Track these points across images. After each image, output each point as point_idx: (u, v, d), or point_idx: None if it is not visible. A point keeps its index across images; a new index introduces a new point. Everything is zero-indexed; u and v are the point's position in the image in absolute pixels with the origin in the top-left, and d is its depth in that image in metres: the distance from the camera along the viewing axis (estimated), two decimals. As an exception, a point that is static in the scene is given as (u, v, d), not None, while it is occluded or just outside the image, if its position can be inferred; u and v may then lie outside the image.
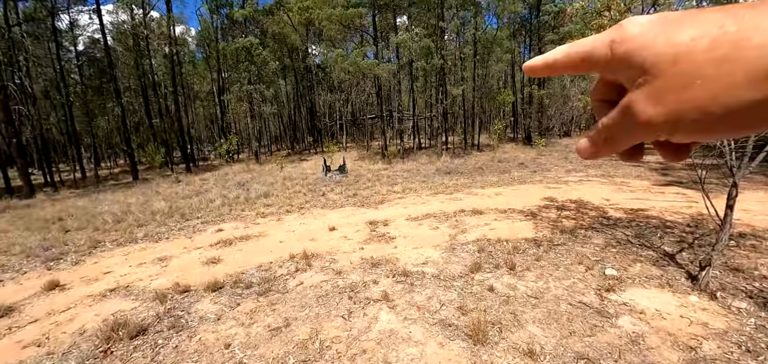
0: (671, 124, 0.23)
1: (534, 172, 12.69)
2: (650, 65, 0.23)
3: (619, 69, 0.26)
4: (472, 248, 5.16)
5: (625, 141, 0.27)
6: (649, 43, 0.23)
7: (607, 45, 0.25)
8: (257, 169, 18.13)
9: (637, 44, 0.24)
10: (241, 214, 8.50)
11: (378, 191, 10.10)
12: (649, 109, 0.23)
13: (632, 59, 0.24)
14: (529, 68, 0.32)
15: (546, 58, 0.30)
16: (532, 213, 6.97)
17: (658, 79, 0.23)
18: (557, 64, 0.29)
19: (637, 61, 0.24)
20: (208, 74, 32.58)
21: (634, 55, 0.24)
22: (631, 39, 0.24)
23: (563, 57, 0.29)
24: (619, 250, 4.87)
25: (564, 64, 0.29)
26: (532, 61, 0.31)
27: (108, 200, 12.19)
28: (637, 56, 0.24)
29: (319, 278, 4.41)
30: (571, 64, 0.28)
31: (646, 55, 0.23)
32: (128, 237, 7.21)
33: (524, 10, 20.22)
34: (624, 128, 0.26)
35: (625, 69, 0.25)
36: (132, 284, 4.81)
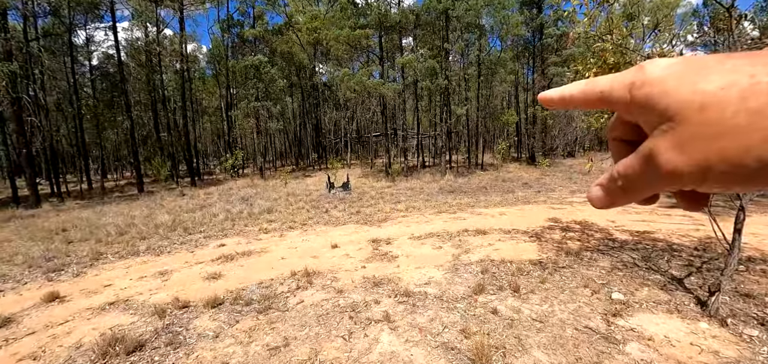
0: (699, 175, 0.22)
1: (538, 192, 12.62)
2: (674, 112, 0.22)
3: (638, 112, 0.24)
4: (475, 268, 5.08)
5: (645, 190, 0.25)
6: (672, 88, 0.22)
7: (626, 87, 0.25)
8: (261, 185, 18.22)
9: (659, 89, 0.23)
10: (244, 229, 8.50)
11: (381, 209, 10.07)
12: (675, 158, 0.22)
13: (654, 104, 0.23)
14: (545, 99, 0.31)
15: (562, 92, 0.30)
16: (536, 234, 6.89)
17: (684, 127, 0.21)
18: (573, 99, 0.28)
19: (659, 106, 0.23)
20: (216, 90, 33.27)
21: (656, 100, 0.23)
22: (652, 83, 0.23)
23: (579, 94, 0.28)
24: (625, 273, 4.78)
25: (580, 100, 0.28)
26: (548, 92, 0.31)
27: (112, 211, 12.26)
28: (659, 102, 0.23)
29: (320, 297, 4.36)
30: (588, 102, 0.28)
31: (670, 102, 0.22)
32: (130, 250, 7.21)
33: (527, 33, 20.61)
34: (645, 178, 0.24)
35: (646, 113, 0.24)
36: (132, 297, 4.78)
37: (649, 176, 0.24)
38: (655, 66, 0.24)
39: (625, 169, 0.25)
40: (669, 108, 0.22)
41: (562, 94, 0.29)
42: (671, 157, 0.22)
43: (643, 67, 0.24)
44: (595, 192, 0.29)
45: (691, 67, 0.22)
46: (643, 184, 0.25)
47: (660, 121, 0.23)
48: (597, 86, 0.27)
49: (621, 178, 0.26)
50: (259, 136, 23.77)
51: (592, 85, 0.27)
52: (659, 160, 0.23)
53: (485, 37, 21.35)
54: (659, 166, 0.23)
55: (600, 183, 0.28)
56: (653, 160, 0.23)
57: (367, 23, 18.80)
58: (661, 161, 0.22)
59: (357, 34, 17.90)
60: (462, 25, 18.19)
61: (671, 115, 0.22)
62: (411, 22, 19.71)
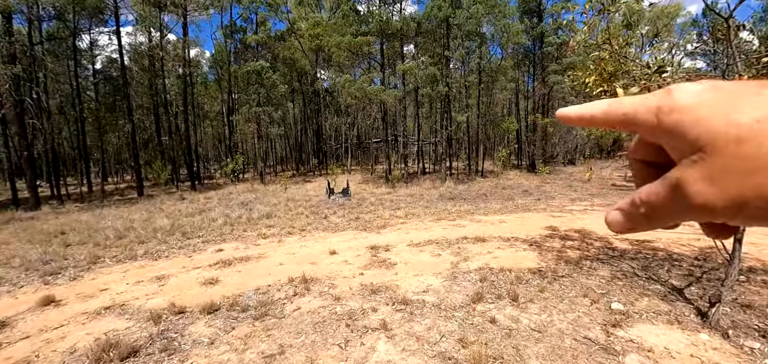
0: (733, 210, 0.21)
1: (538, 200, 12.59)
2: (707, 143, 0.21)
3: (665, 138, 0.24)
4: (474, 276, 5.05)
5: (669, 219, 0.24)
6: (704, 118, 0.21)
7: (652, 111, 0.24)
8: (261, 190, 18.22)
9: (690, 117, 0.22)
10: (243, 234, 8.47)
11: (380, 215, 10.05)
12: (707, 191, 0.21)
13: (684, 132, 0.22)
14: (563, 117, 0.30)
15: (581, 111, 0.28)
16: (535, 242, 6.86)
17: (717, 159, 0.20)
18: (594, 119, 0.27)
19: (690, 135, 0.22)
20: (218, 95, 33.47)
21: (687, 128, 0.22)
22: (681, 110, 0.22)
23: (601, 115, 0.27)
24: (625, 283, 4.74)
25: (601, 121, 0.27)
26: (566, 110, 0.30)
27: (112, 215, 12.25)
28: (690, 130, 0.22)
29: (317, 304, 4.32)
30: (609, 123, 0.27)
31: (702, 131, 0.21)
32: (128, 254, 7.18)
33: (528, 41, 20.73)
34: (672, 207, 0.23)
35: (674, 140, 0.23)
36: (128, 302, 4.75)
37: (676, 206, 0.23)
38: (685, 92, 0.23)
39: (650, 196, 0.24)
40: (700, 138, 0.21)
41: (582, 113, 0.28)
42: (702, 189, 0.21)
43: (671, 92, 0.23)
44: (614, 217, 0.27)
45: (722, 95, 0.22)
46: (669, 213, 0.24)
47: (691, 150, 0.22)
48: (621, 108, 0.26)
49: (644, 206, 0.25)
50: (260, 142, 23.83)
51: (615, 106, 0.26)
52: (689, 190, 0.22)
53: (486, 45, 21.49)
54: (688, 197, 0.22)
55: (620, 208, 0.27)
56: (682, 190, 0.22)
57: (369, 30, 18.94)
58: (691, 192, 0.22)
59: (359, 40, 18.02)
60: (463, 33, 18.32)
61: (703, 146, 0.21)
62: (412, 30, 19.86)
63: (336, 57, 22.86)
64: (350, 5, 19.92)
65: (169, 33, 26.30)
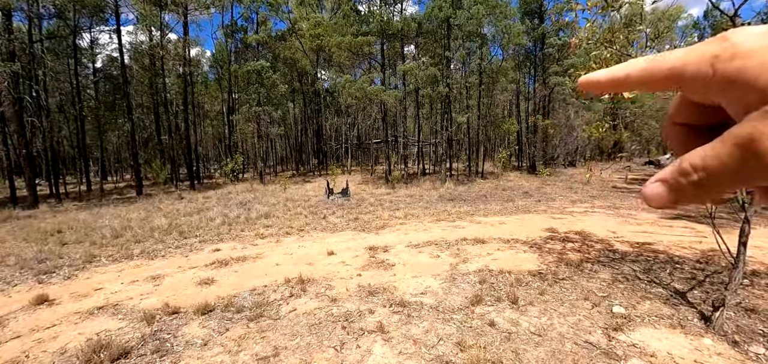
0: None
1: (538, 201, 12.52)
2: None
3: (724, 91, 0.21)
4: (473, 278, 4.98)
5: (734, 185, 0.21)
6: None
7: (707, 60, 0.21)
8: (261, 190, 18.16)
9: (756, 62, 0.19)
10: (240, 234, 8.40)
11: (380, 216, 9.98)
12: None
13: (752, 81, 0.19)
14: (588, 83, 0.26)
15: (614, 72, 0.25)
16: (536, 244, 6.78)
17: None
18: (630, 79, 0.24)
19: (759, 83, 0.19)
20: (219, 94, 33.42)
21: (755, 75, 0.19)
22: (745, 55, 0.19)
23: (639, 73, 0.23)
24: (626, 286, 4.66)
25: (638, 80, 0.24)
26: (593, 74, 0.26)
27: (109, 214, 12.19)
28: (759, 77, 0.19)
29: (313, 305, 4.25)
30: (650, 82, 0.23)
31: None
32: (124, 253, 7.11)
33: (529, 42, 20.67)
34: (740, 170, 0.20)
35: (737, 91, 0.20)
36: (121, 302, 4.68)
37: (747, 167, 0.19)
38: (747, 35, 0.20)
39: (706, 160, 0.21)
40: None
41: (614, 74, 0.25)
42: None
43: (729, 37, 0.21)
44: (654, 189, 0.23)
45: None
46: (734, 177, 0.20)
47: (762, 100, 0.19)
48: (666, 62, 0.22)
49: (699, 171, 0.21)
50: (260, 141, 23.78)
51: (659, 61, 0.23)
52: (763, 146, 0.19)
53: (487, 45, 21.44)
54: (763, 154, 0.19)
55: (662, 178, 0.23)
56: (754, 147, 0.19)
57: (370, 31, 18.89)
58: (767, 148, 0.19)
59: (359, 40, 17.97)
60: (464, 33, 18.27)
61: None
62: (413, 31, 19.81)
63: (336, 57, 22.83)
64: (351, 5, 19.89)
65: (170, 32, 26.26)
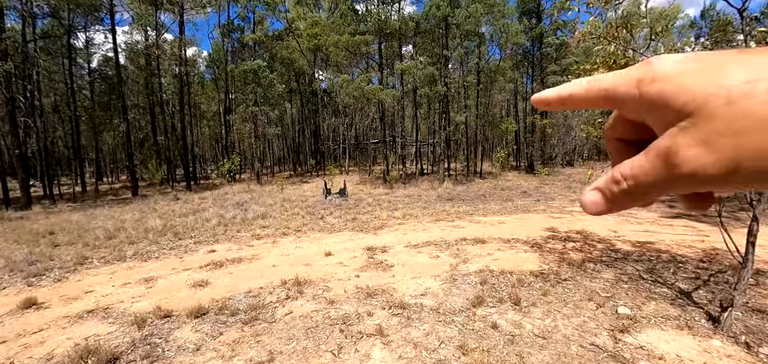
0: (728, 174, 0.20)
1: (537, 201, 12.44)
2: (696, 108, 0.20)
3: (648, 110, 0.23)
4: (474, 279, 4.87)
5: (656, 193, 0.23)
6: (689, 83, 0.21)
7: (633, 83, 0.23)
8: (257, 190, 17.99)
9: (673, 84, 0.21)
10: (236, 235, 8.26)
11: (378, 216, 9.86)
12: (702, 156, 0.20)
13: (669, 101, 0.21)
14: (540, 101, 0.28)
15: (560, 92, 0.27)
16: (536, 244, 6.69)
17: (709, 123, 0.20)
18: (574, 98, 0.26)
19: (676, 103, 0.21)
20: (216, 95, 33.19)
21: (672, 96, 0.21)
22: (664, 78, 0.22)
23: (582, 92, 0.26)
24: (630, 286, 4.57)
25: (582, 98, 0.26)
26: (543, 93, 0.28)
27: (103, 215, 12.00)
28: (675, 98, 0.21)
29: (310, 307, 4.13)
30: (590, 101, 0.26)
31: (689, 97, 0.21)
32: (117, 255, 6.95)
33: (527, 42, 20.62)
34: (660, 178, 0.22)
35: (658, 110, 0.22)
36: (112, 305, 4.54)
37: (666, 177, 0.22)
38: (665, 61, 0.22)
39: (634, 170, 0.23)
40: (688, 104, 0.21)
41: (560, 94, 0.27)
42: (696, 154, 0.20)
43: (651, 63, 0.23)
44: (591, 197, 0.25)
45: (704, 63, 0.21)
46: (656, 186, 0.22)
47: (678, 117, 0.21)
48: (601, 84, 0.25)
49: (628, 180, 0.23)
50: (257, 142, 23.60)
51: (595, 83, 0.25)
52: (679, 158, 0.21)
53: (484, 45, 21.39)
54: (681, 164, 0.21)
55: (598, 187, 0.25)
56: (671, 159, 0.21)
57: (367, 30, 18.78)
58: (684, 159, 0.21)
59: (356, 39, 17.85)
60: (462, 32, 18.18)
61: (691, 111, 0.20)
62: (411, 30, 19.72)
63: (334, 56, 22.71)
64: (348, 4, 19.76)
65: (166, 32, 26.01)
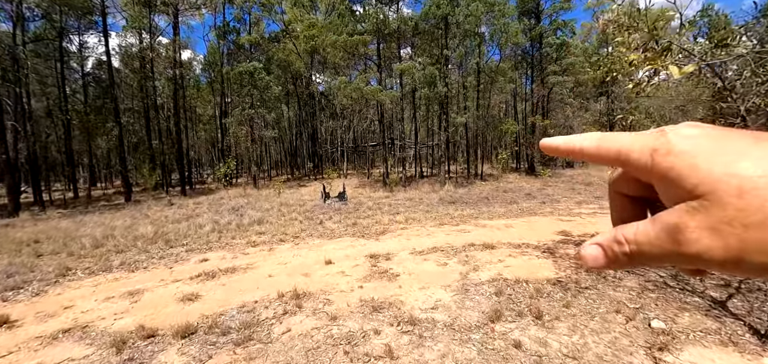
0: (732, 263, 0.20)
1: (543, 203, 12.10)
2: (707, 192, 0.20)
3: (659, 181, 0.22)
4: (487, 289, 4.49)
5: (657, 262, 0.23)
6: (702, 165, 0.20)
7: (647, 153, 0.23)
8: (254, 194, 17.56)
9: (686, 163, 0.21)
10: (231, 242, 7.84)
11: (379, 221, 9.47)
12: (709, 241, 0.20)
13: (681, 178, 0.21)
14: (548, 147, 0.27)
15: (571, 143, 0.26)
16: (548, 249, 6.33)
17: (718, 210, 0.20)
18: (584, 152, 0.25)
19: (688, 182, 0.21)
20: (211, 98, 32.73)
21: (684, 174, 0.21)
22: (678, 154, 0.21)
23: (593, 148, 0.25)
24: (658, 295, 4.21)
25: (592, 154, 0.25)
26: (553, 140, 0.27)
27: (93, 222, 11.53)
28: (688, 176, 0.21)
29: (310, 324, 3.73)
30: (600, 157, 0.25)
31: (701, 179, 0.20)
32: (103, 265, 6.52)
33: (526, 41, 20.38)
34: (664, 251, 0.22)
35: (668, 184, 0.22)
36: (92, 323, 4.12)
37: (669, 251, 0.22)
38: (681, 136, 0.22)
39: (638, 236, 0.23)
40: (699, 186, 0.20)
41: (571, 145, 0.26)
42: (702, 238, 0.20)
43: (666, 135, 0.23)
44: (591, 252, 0.25)
45: (720, 143, 0.21)
46: (659, 256, 0.22)
47: (688, 196, 0.21)
48: (614, 144, 0.24)
49: (631, 245, 0.23)
50: (253, 145, 23.18)
51: (609, 141, 0.25)
52: (687, 237, 0.21)
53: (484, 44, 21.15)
54: (686, 244, 0.21)
55: (599, 243, 0.25)
56: (678, 235, 0.21)
57: (365, 30, 18.47)
58: (689, 239, 0.21)
59: (354, 39, 17.52)
60: (461, 32, 17.90)
61: (702, 194, 0.20)
62: (409, 30, 19.43)
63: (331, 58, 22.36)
64: (346, 5, 19.45)
65: (161, 35, 25.59)
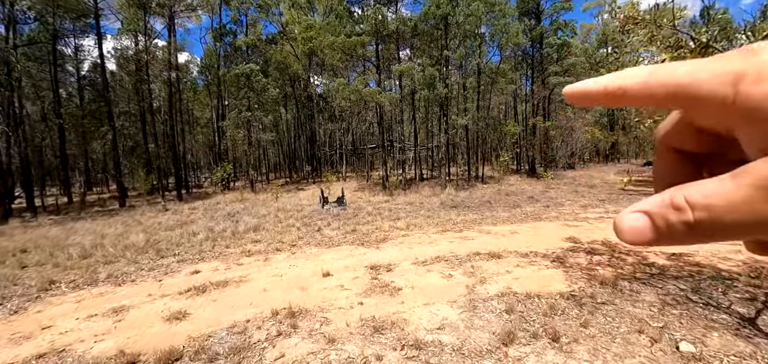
0: None
1: (547, 207, 11.81)
2: None
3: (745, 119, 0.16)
4: (496, 305, 4.18)
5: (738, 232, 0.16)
6: None
7: (726, 81, 0.16)
8: (251, 199, 17.23)
9: None
10: (225, 251, 7.52)
11: (379, 227, 9.16)
12: None
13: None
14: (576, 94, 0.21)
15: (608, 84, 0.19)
16: (558, 258, 6.03)
17: None
18: (627, 93, 0.19)
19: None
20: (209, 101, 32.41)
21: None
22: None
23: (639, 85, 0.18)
24: (681, 311, 3.91)
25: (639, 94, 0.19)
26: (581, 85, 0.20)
27: (84, 229, 11.19)
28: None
29: (305, 348, 3.42)
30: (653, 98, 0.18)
31: None
32: (89, 278, 6.19)
33: (527, 41, 20.14)
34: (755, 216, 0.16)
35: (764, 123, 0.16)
36: (70, 346, 3.80)
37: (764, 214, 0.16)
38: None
39: (711, 198, 0.17)
40: None
41: (608, 86, 0.19)
42: None
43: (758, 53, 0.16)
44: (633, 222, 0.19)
45: None
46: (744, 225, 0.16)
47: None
48: (673, 76, 0.18)
49: (697, 210, 0.17)
50: (250, 148, 22.85)
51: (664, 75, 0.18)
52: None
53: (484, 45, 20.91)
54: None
55: (645, 210, 0.18)
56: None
57: (364, 31, 18.20)
58: None
59: (353, 40, 17.24)
60: (461, 32, 17.64)
61: None
62: (408, 30, 19.16)
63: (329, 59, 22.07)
64: (344, 6, 19.19)
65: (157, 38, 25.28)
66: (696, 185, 0.17)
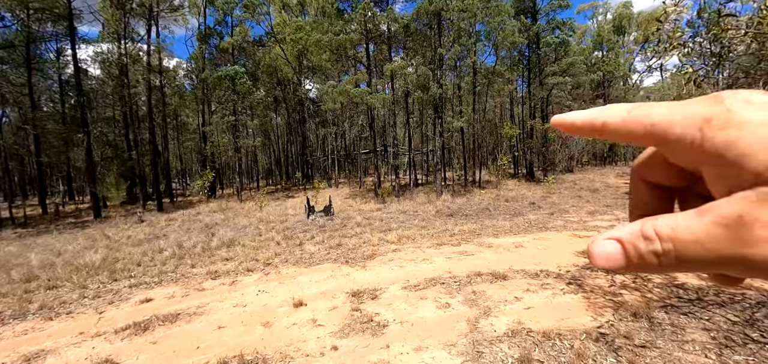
0: None
1: (551, 214, 10.97)
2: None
3: (710, 161, 0.17)
4: (507, 350, 3.28)
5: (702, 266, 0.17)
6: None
7: (695, 125, 0.17)
8: (235, 208, 16.22)
9: (754, 137, 0.16)
10: (189, 272, 6.53)
11: (368, 241, 8.23)
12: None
13: (744, 158, 0.16)
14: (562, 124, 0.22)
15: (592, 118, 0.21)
16: (574, 278, 5.15)
17: None
18: (607, 128, 0.20)
19: (754, 163, 0.16)
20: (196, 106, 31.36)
21: (750, 152, 0.16)
22: (741, 126, 0.16)
23: (618, 122, 0.20)
24: (742, 354, 3.04)
25: (617, 130, 0.20)
26: (568, 116, 0.21)
27: (43, 245, 10.12)
28: (754, 155, 0.16)
29: (249, 428, 2.48)
30: (629, 135, 0.20)
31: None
32: (18, 309, 5.20)
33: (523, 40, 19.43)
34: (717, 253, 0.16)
35: (725, 166, 0.17)
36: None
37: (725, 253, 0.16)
38: (742, 102, 0.17)
39: (678, 231, 0.17)
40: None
41: (592, 120, 0.21)
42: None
43: (722, 100, 0.17)
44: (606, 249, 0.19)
45: None
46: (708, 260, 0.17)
47: (755, 181, 0.16)
48: (649, 116, 0.19)
49: (665, 242, 0.18)
50: (237, 154, 21.83)
51: (640, 113, 0.19)
52: (754, 235, 0.16)
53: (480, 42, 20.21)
54: (752, 244, 0.16)
55: (618, 238, 0.19)
56: (743, 233, 0.16)
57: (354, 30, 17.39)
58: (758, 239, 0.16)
59: (341, 39, 16.41)
60: (455, 30, 16.87)
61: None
62: (401, 30, 18.39)
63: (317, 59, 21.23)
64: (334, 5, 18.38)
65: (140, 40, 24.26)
66: (666, 217, 0.18)
